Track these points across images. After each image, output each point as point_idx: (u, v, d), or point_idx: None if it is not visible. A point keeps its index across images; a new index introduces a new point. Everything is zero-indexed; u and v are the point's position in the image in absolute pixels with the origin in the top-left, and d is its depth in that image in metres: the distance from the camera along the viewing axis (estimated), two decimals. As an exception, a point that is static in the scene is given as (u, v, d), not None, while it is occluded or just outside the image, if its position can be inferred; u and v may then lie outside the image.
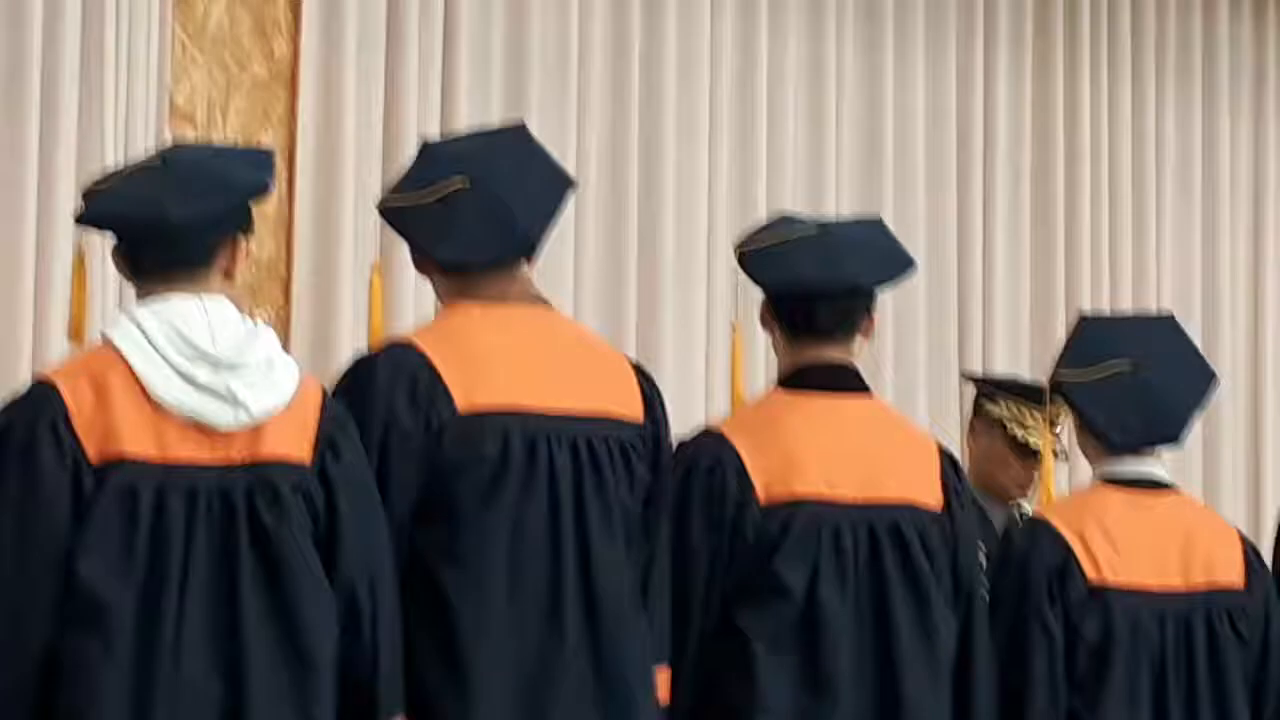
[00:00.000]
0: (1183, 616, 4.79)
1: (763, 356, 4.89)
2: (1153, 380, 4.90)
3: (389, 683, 4.08)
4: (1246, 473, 8.36)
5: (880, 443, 4.67)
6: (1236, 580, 4.86)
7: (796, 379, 4.67)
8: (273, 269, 6.49)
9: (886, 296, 4.84)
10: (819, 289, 4.63)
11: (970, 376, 6.80)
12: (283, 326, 6.26)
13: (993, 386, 6.24)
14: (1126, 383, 4.87)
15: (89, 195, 4.21)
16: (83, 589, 3.88)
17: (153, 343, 4.00)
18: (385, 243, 5.71)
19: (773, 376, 4.76)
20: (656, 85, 7.28)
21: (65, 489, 3.92)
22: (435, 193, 4.35)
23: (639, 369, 4.53)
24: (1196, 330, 5.35)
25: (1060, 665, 4.71)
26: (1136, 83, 8.41)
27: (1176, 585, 4.80)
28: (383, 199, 4.55)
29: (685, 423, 4.68)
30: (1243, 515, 7.66)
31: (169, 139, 6.05)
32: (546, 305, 4.48)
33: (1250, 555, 4.93)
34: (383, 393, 4.21)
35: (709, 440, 4.59)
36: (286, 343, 5.08)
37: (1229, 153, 8.64)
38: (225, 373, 4.00)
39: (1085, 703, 4.72)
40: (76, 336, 4.34)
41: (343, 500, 4.05)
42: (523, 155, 4.49)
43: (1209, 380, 5.06)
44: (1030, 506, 5.63)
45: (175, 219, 4.06)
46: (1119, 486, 4.88)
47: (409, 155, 4.69)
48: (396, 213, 4.46)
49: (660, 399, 4.49)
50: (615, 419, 4.36)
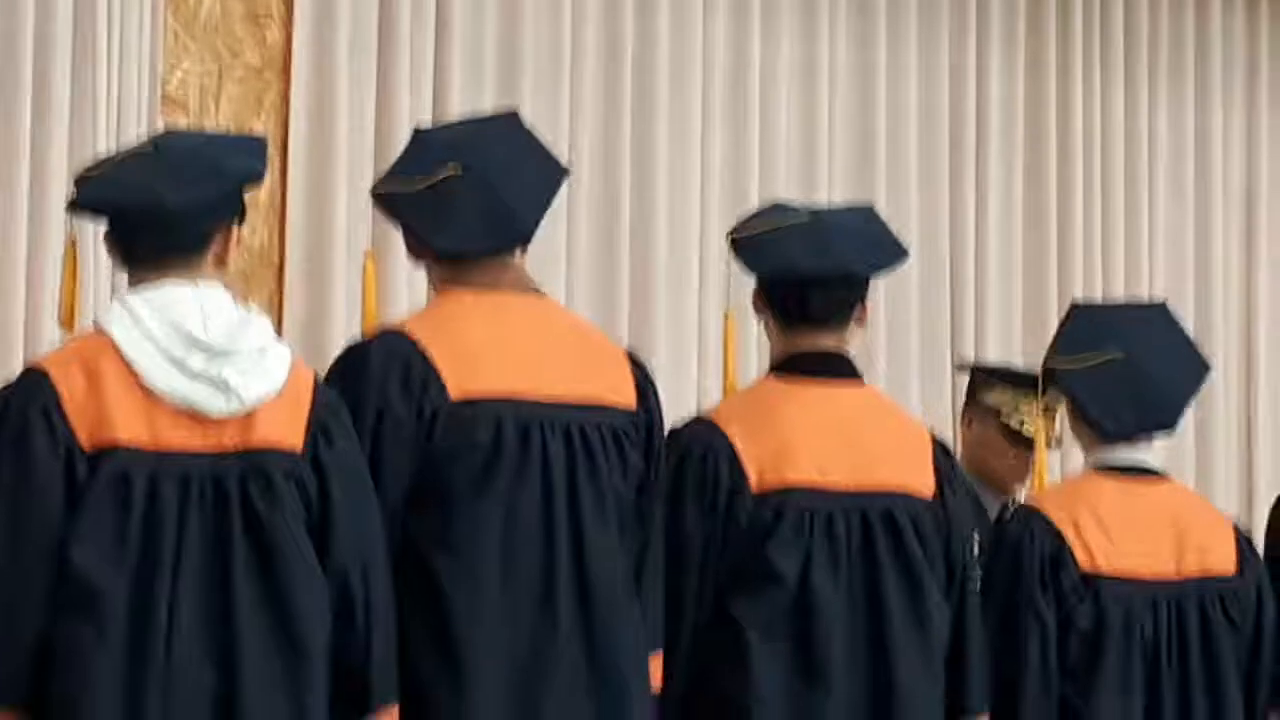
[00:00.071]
0: (1175, 603, 4.80)
1: (755, 344, 4.87)
2: (1146, 368, 4.90)
3: (382, 670, 4.08)
4: (1239, 461, 8.38)
5: (873, 430, 4.67)
6: (1229, 567, 4.87)
7: (789, 366, 4.67)
8: (265, 256, 6.50)
9: (879, 285, 4.82)
10: (811, 276, 4.63)
11: (965, 365, 6.80)
12: (275, 313, 6.27)
13: (988, 374, 6.24)
14: (1120, 371, 4.87)
15: (81, 181, 4.22)
16: (76, 576, 3.89)
17: (145, 330, 4.01)
18: (378, 230, 5.72)
19: (765, 364, 4.76)
20: (649, 79, 7.28)
21: (58, 476, 3.92)
22: (428, 180, 4.35)
23: (632, 356, 4.54)
24: (1189, 320, 5.35)
25: (1053, 653, 4.72)
26: (1129, 79, 8.42)
27: (1169, 573, 4.81)
28: (376, 186, 4.55)
29: (678, 410, 4.69)
30: (1236, 503, 7.67)
31: (161, 127, 6.05)
32: (540, 293, 4.49)
33: (1242, 543, 4.95)
34: (375, 380, 4.21)
35: (702, 428, 4.59)
36: (279, 330, 5.08)
37: (1221, 148, 8.64)
38: (218, 360, 4.00)
39: (1078, 690, 4.73)
40: (68, 324, 4.32)
41: (335, 487, 4.05)
42: (516, 142, 4.50)
43: (1202, 369, 5.07)
44: (1024, 494, 5.61)
45: (169, 205, 4.07)
46: (1112, 474, 4.88)
47: (402, 142, 4.70)
48: (390, 199, 4.46)
49: (653, 386, 4.50)
50: (608, 406, 4.36)
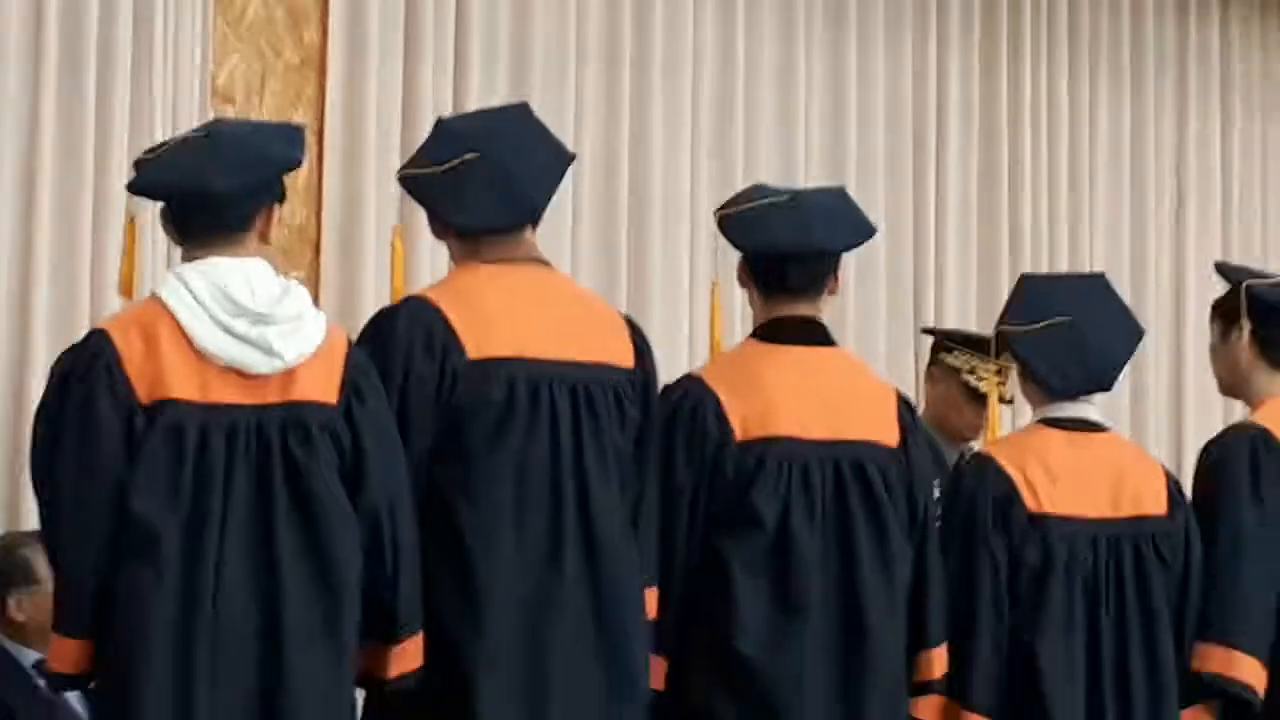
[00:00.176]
0: (1113, 542, 4.78)
1: (739, 311, 4.85)
2: (1088, 333, 4.89)
3: (408, 603, 4.08)
4: (1169, 415, 8.39)
5: (844, 388, 4.65)
6: (1161, 510, 4.85)
7: (770, 331, 4.65)
8: (304, 233, 6.50)
9: (850, 259, 4.81)
10: (791, 251, 4.61)
11: (929, 330, 6.79)
12: (313, 285, 6.26)
13: (949, 339, 6.23)
14: (1064, 335, 4.86)
15: (140, 165, 4.23)
16: (136, 523, 3.89)
17: (197, 298, 4.01)
18: (405, 210, 5.68)
19: (748, 329, 4.74)
20: (645, 76, 7.27)
21: (118, 427, 3.92)
22: (449, 164, 4.34)
23: (630, 322, 4.53)
24: (1125, 290, 5.34)
25: (1004, 586, 4.70)
26: (1072, 80, 8.43)
27: (1107, 514, 4.79)
28: (402, 170, 4.54)
29: (671, 370, 4.67)
30: (1166, 453, 7.67)
31: (211, 116, 6.04)
32: (548, 265, 4.47)
33: (1173, 488, 4.92)
34: (402, 342, 4.21)
35: (691, 385, 4.57)
36: (316, 299, 5.04)
37: (1154, 141, 8.65)
38: (261, 324, 4.01)
39: (1026, 620, 4.70)
40: (127, 293, 4.34)
41: (366, 439, 4.05)
42: (526, 131, 4.48)
43: (1137, 334, 5.07)
44: (979, 444, 5.60)
45: (218, 189, 4.07)
46: (1057, 427, 4.86)
47: (425, 131, 4.69)
48: (414, 182, 4.45)
49: (649, 349, 4.48)
50: (609, 366, 4.35)
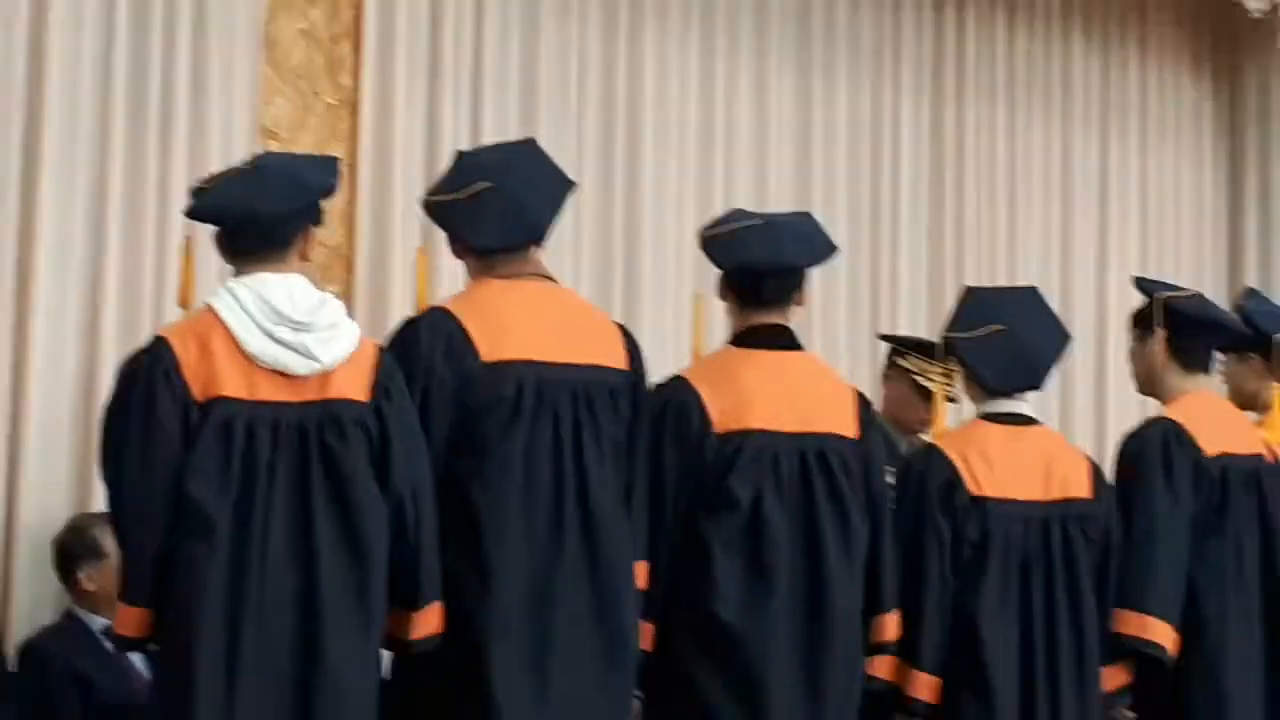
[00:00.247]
0: (1043, 522, 4.79)
1: (718, 320, 4.87)
2: (1022, 339, 4.90)
3: (429, 575, 4.08)
4: (1093, 410, 8.36)
5: (810, 387, 4.65)
6: (1086, 494, 4.86)
7: (745, 337, 4.66)
8: (339, 252, 6.47)
9: (815, 273, 4.82)
10: (764, 268, 4.62)
11: (884, 337, 6.79)
12: (347, 297, 6.23)
13: (902, 345, 6.23)
14: (1001, 341, 4.86)
15: (196, 193, 4.22)
16: (192, 505, 3.89)
17: (245, 309, 4.02)
18: (427, 232, 5.69)
19: (725, 336, 4.74)
20: (637, 109, 7.25)
21: (176, 421, 3.93)
22: (466, 192, 4.34)
23: (623, 329, 4.52)
24: (1055, 301, 5.34)
25: (948, 559, 4.71)
26: (1008, 108, 8.38)
27: (1039, 497, 4.80)
28: (425, 197, 4.53)
29: (659, 371, 4.66)
30: (1090, 444, 7.63)
31: (259, 150, 6.03)
32: (552, 280, 4.48)
33: (1096, 474, 4.93)
34: (424, 348, 4.21)
35: (677, 384, 4.57)
36: (350, 310, 5.07)
37: (1080, 167, 8.61)
38: (301, 332, 4.01)
39: (967, 589, 4.71)
40: (184, 304, 4.33)
41: (393, 432, 4.05)
42: (534, 162, 4.48)
43: (1065, 339, 5.06)
44: (927, 437, 5.62)
45: (263, 213, 4.08)
46: (995, 421, 4.88)
47: (445, 163, 4.69)
48: (436, 208, 4.45)
49: (640, 352, 4.49)
50: (605, 368, 4.36)
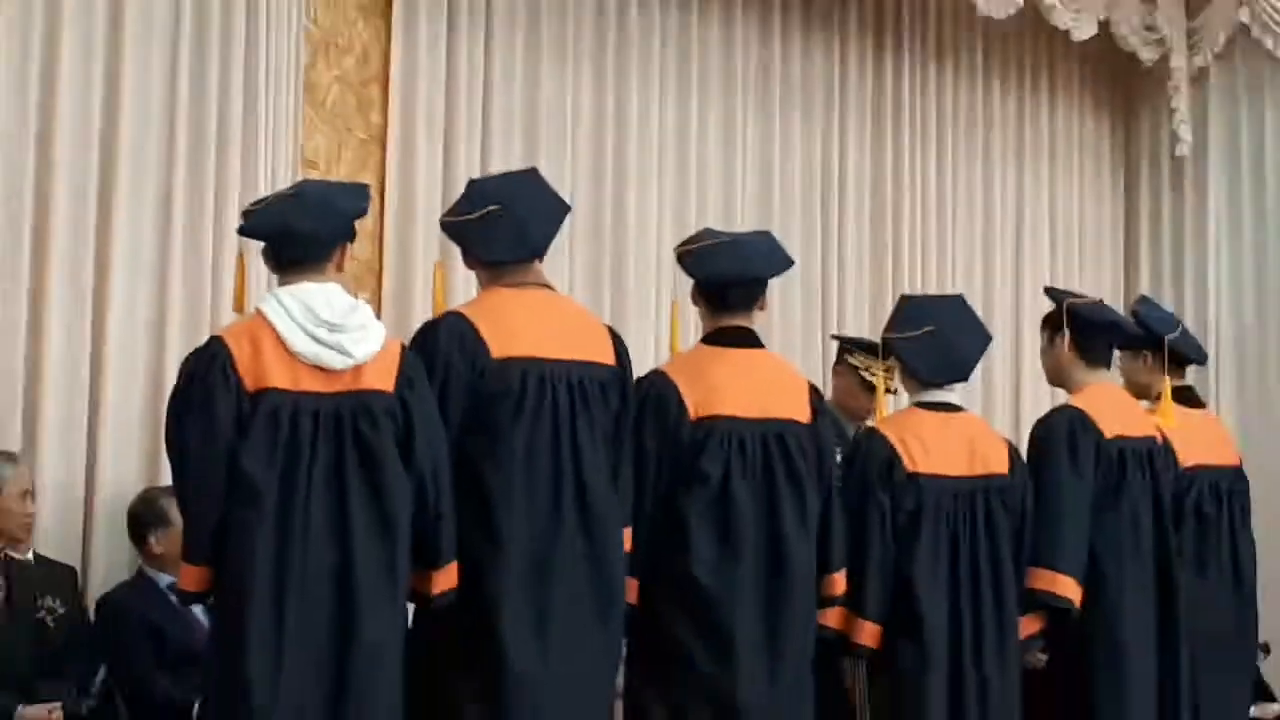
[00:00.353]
0: (968, 494, 4.77)
1: (692, 323, 4.85)
2: (950, 339, 4.88)
3: (447, 539, 4.05)
4: (1010, 400, 8.36)
5: (770, 380, 4.63)
6: (1004, 470, 4.84)
7: (715, 338, 4.63)
8: (369, 265, 6.45)
9: (774, 283, 4.80)
10: (731, 279, 4.60)
11: (836, 337, 6.77)
12: (375, 303, 6.23)
13: (849, 344, 6.21)
14: (932, 342, 4.85)
15: (247, 214, 4.21)
16: (244, 479, 3.87)
17: (289, 313, 4.00)
18: (444, 248, 5.67)
19: (698, 336, 4.72)
20: (623, 144, 7.24)
21: (231, 409, 3.91)
22: (477, 214, 4.32)
23: (612, 331, 4.50)
24: (978, 306, 5.34)
25: (888, 527, 4.69)
26: (938, 145, 8.38)
27: (964, 473, 4.78)
28: (442, 218, 4.51)
29: (642, 366, 4.64)
30: (1008, 428, 7.64)
31: (300, 178, 6.02)
32: (551, 288, 4.45)
33: (1013, 453, 4.92)
34: (442, 346, 4.18)
35: (657, 378, 4.55)
36: (378, 314, 5.06)
37: (999, 193, 8.63)
38: (337, 332, 4.00)
39: (904, 551, 4.70)
40: (238, 308, 4.31)
41: (416, 418, 4.03)
42: (535, 188, 4.46)
43: (987, 340, 5.05)
44: (871, 423, 5.60)
45: (304, 232, 4.06)
46: (927, 409, 4.86)
47: (460, 189, 4.66)
48: (452, 227, 4.42)
49: (626, 351, 4.46)
50: (597, 364, 4.33)
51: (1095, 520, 4.97)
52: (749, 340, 4.63)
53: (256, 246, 4.20)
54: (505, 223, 4.29)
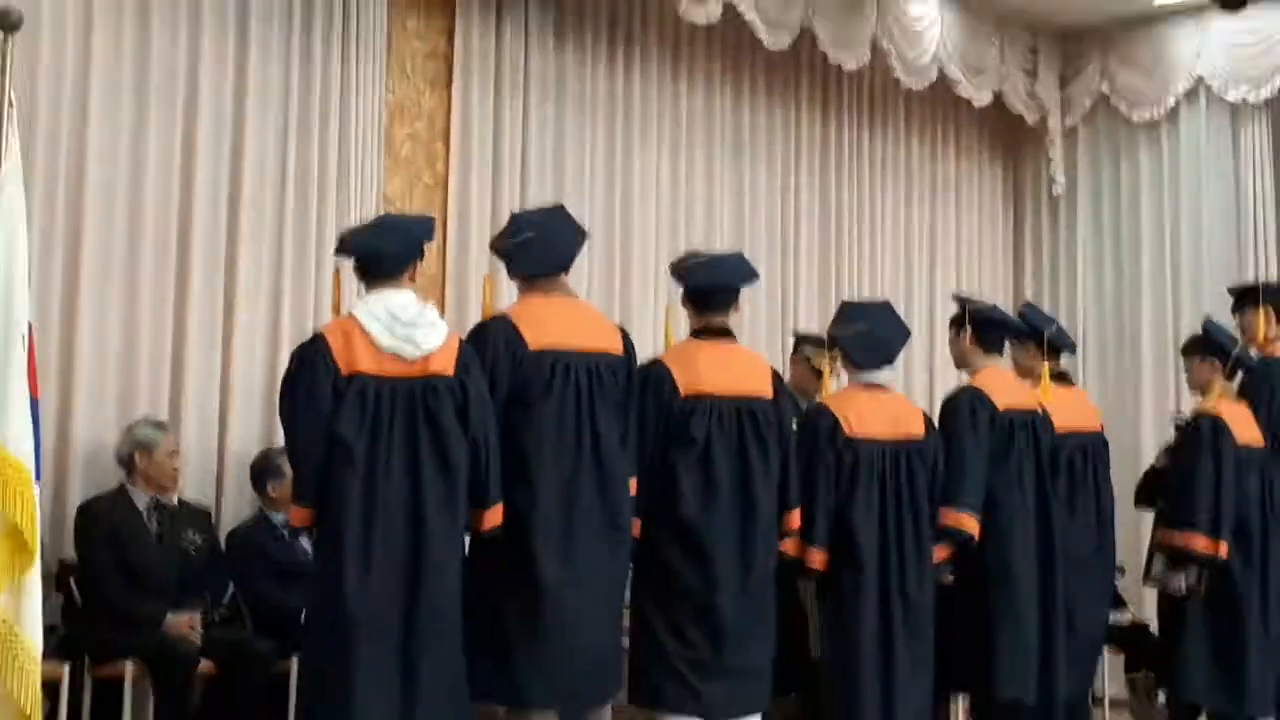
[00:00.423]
0: (894, 453, 4.74)
1: (682, 322, 4.84)
2: (879, 333, 4.86)
3: (495, 486, 4.04)
4: (925, 379, 8.32)
5: (742, 366, 4.61)
6: (921, 434, 4.82)
7: (699, 333, 4.62)
8: (434, 279, 6.44)
9: (746, 291, 4.79)
10: (712, 288, 4.60)
11: (796, 333, 6.75)
12: (440, 307, 6.20)
13: (804, 339, 6.19)
14: (866, 336, 4.83)
15: (341, 240, 4.20)
16: (339, 441, 3.87)
17: (374, 315, 3.99)
18: (492, 265, 5.66)
19: (686, 332, 4.70)
20: (629, 187, 7.22)
21: (329, 387, 3.90)
22: (518, 239, 4.31)
23: (621, 328, 4.47)
24: (901, 309, 5.32)
25: (832, 480, 4.67)
26: (873, 185, 8.33)
27: (890, 437, 4.75)
28: (491, 243, 4.50)
29: (643, 355, 4.63)
30: (924, 402, 7.61)
31: (382, 212, 6.03)
32: (575, 295, 4.44)
33: (928, 422, 4.89)
34: (491, 340, 4.17)
35: (655, 364, 4.52)
36: (442, 315, 5.05)
37: (917, 221, 8.50)
38: (410, 329, 3.99)
39: (844, 498, 4.67)
40: (336, 311, 4.29)
41: (471, 394, 4.01)
42: (562, 220, 4.44)
43: (907, 334, 5.01)
44: (819, 399, 5.58)
45: (385, 252, 4.05)
46: (863, 387, 4.84)
47: (504, 220, 4.66)
48: (498, 249, 4.41)
49: (632, 344, 4.44)
50: (609, 354, 4.32)
51: (991, 472, 4.96)
52: (726, 335, 4.62)
53: (349, 264, 4.20)
54: (539, 245, 4.29)
